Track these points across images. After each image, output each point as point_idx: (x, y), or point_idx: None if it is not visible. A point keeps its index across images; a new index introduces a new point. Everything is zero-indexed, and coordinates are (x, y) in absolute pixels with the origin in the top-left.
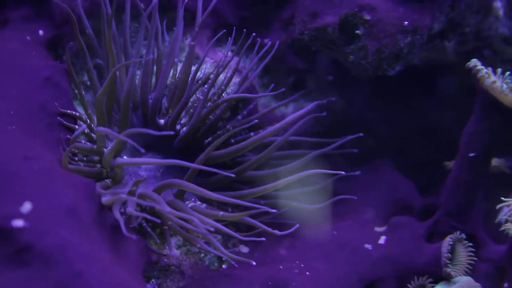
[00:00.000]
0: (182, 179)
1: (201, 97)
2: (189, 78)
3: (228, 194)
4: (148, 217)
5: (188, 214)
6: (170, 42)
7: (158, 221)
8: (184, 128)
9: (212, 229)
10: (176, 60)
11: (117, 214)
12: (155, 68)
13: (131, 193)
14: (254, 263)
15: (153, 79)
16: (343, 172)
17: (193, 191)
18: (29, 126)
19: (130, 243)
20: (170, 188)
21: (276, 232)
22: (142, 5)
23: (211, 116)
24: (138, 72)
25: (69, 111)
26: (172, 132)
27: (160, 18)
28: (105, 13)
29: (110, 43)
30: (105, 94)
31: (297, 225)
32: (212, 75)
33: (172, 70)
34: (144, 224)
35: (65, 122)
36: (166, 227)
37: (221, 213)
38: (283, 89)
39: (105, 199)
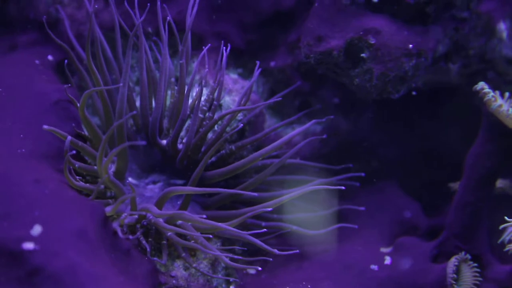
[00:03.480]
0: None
1: (200, 115)
2: (184, 97)
3: (229, 213)
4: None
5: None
6: (161, 64)
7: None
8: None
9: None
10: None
11: (115, 225)
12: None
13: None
14: (253, 271)
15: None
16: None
17: (192, 192)
18: (39, 149)
19: (139, 265)
20: (170, 196)
21: (275, 251)
22: (149, 29)
23: (212, 136)
24: None
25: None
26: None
27: (169, 41)
28: (99, 40)
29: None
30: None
31: (297, 250)
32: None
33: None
34: (141, 238)
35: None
36: (165, 242)
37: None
38: (284, 93)
39: (108, 209)
